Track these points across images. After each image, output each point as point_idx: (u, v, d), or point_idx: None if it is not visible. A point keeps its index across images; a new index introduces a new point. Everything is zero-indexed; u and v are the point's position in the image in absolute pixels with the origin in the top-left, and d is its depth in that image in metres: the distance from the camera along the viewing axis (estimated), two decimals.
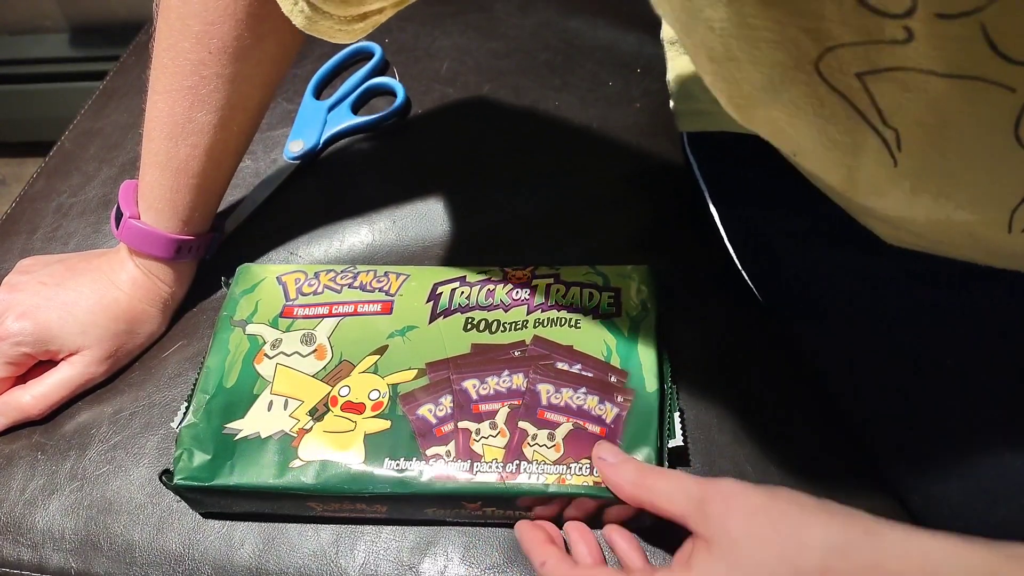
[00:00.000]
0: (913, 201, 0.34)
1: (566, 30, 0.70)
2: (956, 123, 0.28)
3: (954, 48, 0.25)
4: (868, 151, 0.31)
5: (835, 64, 0.28)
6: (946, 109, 0.28)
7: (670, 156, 0.59)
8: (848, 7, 0.25)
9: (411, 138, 0.64)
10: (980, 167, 0.31)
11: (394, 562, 0.43)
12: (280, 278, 0.51)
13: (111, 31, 1.23)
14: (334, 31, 0.43)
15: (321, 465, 0.42)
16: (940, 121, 0.29)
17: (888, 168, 0.32)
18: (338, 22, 0.43)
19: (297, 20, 0.43)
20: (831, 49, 0.27)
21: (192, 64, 0.46)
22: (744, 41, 0.28)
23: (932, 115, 0.28)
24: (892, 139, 0.30)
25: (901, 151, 0.31)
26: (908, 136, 0.30)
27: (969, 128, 0.29)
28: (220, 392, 0.45)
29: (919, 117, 0.29)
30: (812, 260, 0.45)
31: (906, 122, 0.29)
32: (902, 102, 0.28)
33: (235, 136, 0.51)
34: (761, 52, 0.28)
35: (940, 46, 0.25)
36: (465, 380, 0.44)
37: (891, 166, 0.32)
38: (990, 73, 0.26)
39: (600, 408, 0.43)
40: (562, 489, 0.40)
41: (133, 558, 0.45)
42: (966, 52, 0.25)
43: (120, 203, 0.51)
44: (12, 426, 0.50)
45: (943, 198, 0.33)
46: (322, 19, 0.42)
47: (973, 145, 0.29)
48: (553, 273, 0.49)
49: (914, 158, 0.31)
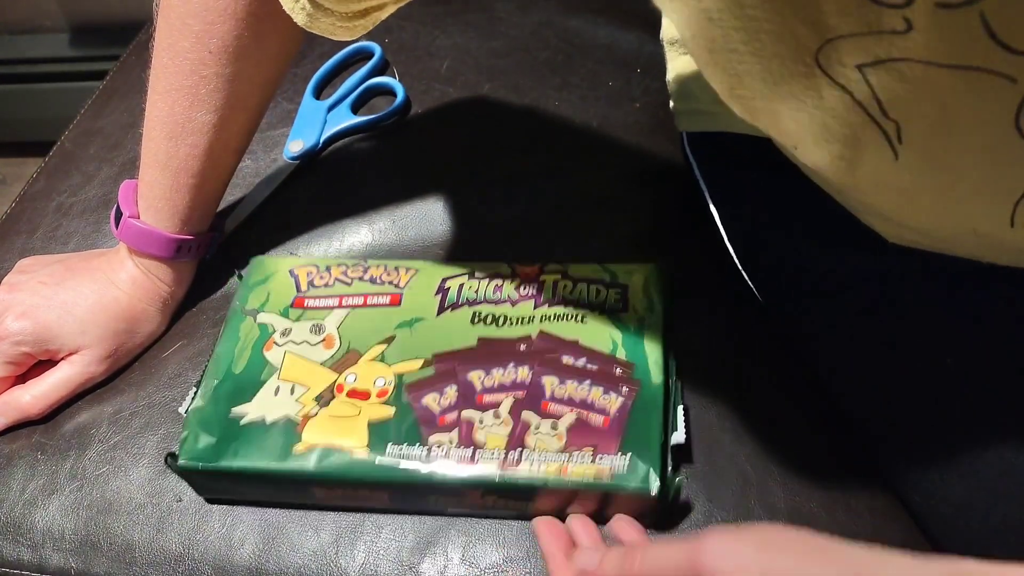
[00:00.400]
0: (914, 196, 0.34)
1: (566, 29, 0.70)
2: (957, 115, 0.28)
3: (954, 38, 0.25)
4: (868, 144, 0.31)
5: (835, 56, 0.27)
6: (947, 100, 0.28)
7: (670, 155, 0.59)
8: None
9: (411, 138, 0.64)
10: (981, 160, 0.30)
11: (394, 562, 0.43)
12: (292, 271, 0.51)
13: (111, 31, 1.23)
14: (335, 28, 0.43)
15: (324, 450, 0.42)
16: (941, 113, 0.28)
17: (889, 161, 0.32)
18: (339, 19, 0.42)
19: (298, 18, 0.42)
20: (830, 41, 0.27)
21: (192, 64, 0.46)
22: (744, 32, 0.28)
23: (933, 107, 0.28)
24: (893, 132, 0.30)
25: (902, 143, 0.30)
26: (909, 128, 0.30)
27: (970, 120, 0.28)
28: (228, 377, 0.46)
29: (920, 109, 0.29)
30: (812, 260, 0.45)
31: (907, 114, 0.29)
32: (902, 94, 0.28)
33: (235, 136, 0.51)
34: (761, 44, 0.28)
35: (940, 36, 0.25)
36: (470, 372, 0.45)
37: (892, 159, 0.31)
38: (990, 63, 0.25)
39: (604, 399, 0.43)
40: (563, 479, 0.40)
41: (133, 558, 0.45)
42: (966, 42, 0.25)
43: (120, 203, 0.51)
44: (12, 426, 0.50)
45: (944, 192, 0.33)
46: (323, 16, 0.42)
47: (974, 137, 0.29)
48: (561, 269, 0.49)
49: (915, 151, 0.31)
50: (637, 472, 0.40)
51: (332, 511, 0.45)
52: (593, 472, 0.40)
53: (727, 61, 0.30)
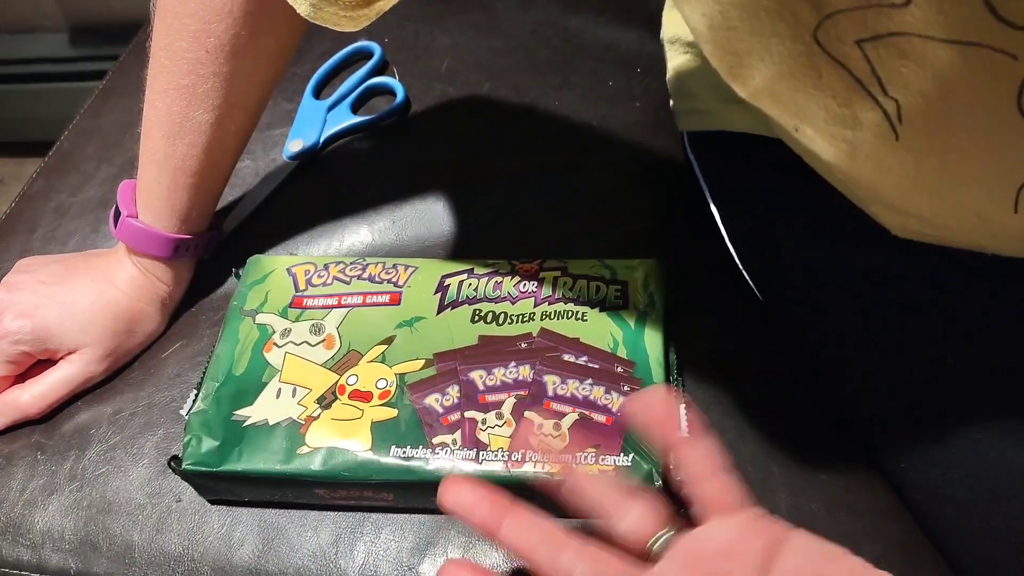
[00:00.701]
0: (916, 179, 0.33)
1: (567, 28, 0.70)
2: (958, 93, 0.28)
3: (953, 12, 0.24)
4: (869, 124, 0.31)
5: (833, 32, 0.27)
6: (947, 78, 0.27)
7: (670, 155, 0.59)
8: None
9: (410, 137, 0.64)
10: (984, 140, 0.30)
11: (394, 562, 0.43)
12: (290, 269, 0.51)
13: (111, 31, 1.23)
14: (339, 18, 0.42)
15: (328, 452, 0.42)
16: (941, 91, 0.28)
17: (890, 142, 0.31)
18: (343, 8, 0.42)
19: (301, 8, 0.42)
20: (830, 16, 0.27)
21: (189, 63, 0.46)
22: (743, 10, 0.28)
23: (933, 84, 0.28)
24: (893, 110, 0.30)
25: (902, 123, 0.30)
26: (909, 107, 0.29)
27: (971, 98, 0.28)
28: (229, 380, 0.46)
29: (920, 87, 0.28)
30: (813, 258, 0.45)
31: (907, 92, 0.29)
32: (902, 70, 0.28)
33: (233, 135, 0.51)
34: (760, 22, 0.28)
35: (939, 10, 0.25)
36: (472, 371, 0.44)
37: (892, 140, 0.31)
38: (991, 39, 0.25)
39: (606, 398, 0.43)
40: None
41: (133, 558, 0.45)
42: (965, 16, 0.24)
43: (118, 202, 0.51)
44: (11, 425, 0.50)
45: (946, 173, 0.32)
46: (327, 6, 0.42)
47: (976, 116, 0.29)
48: (561, 266, 0.49)
49: (916, 130, 0.30)
50: (640, 472, 0.40)
51: (332, 511, 0.45)
52: (596, 472, 0.40)
53: (727, 39, 0.30)
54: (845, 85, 0.29)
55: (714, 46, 0.31)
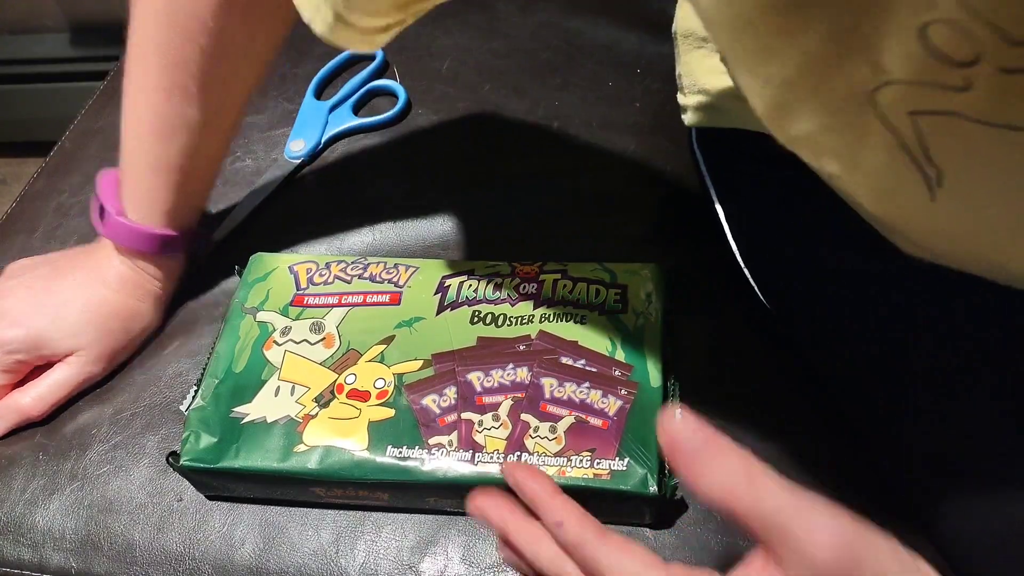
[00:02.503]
0: (947, 232, 0.33)
1: (567, 30, 0.70)
2: (1001, 170, 0.28)
3: (1010, 101, 0.25)
4: (907, 184, 0.31)
5: (889, 98, 0.27)
6: (993, 157, 0.28)
7: (671, 156, 0.59)
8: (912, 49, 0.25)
9: (411, 137, 0.64)
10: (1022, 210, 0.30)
11: (394, 561, 0.43)
12: (292, 267, 0.51)
13: (111, 31, 1.22)
14: (356, 41, 0.42)
15: (325, 451, 0.42)
16: (985, 167, 0.28)
17: (925, 201, 0.31)
18: (361, 32, 0.42)
19: (317, 28, 0.42)
20: (888, 84, 0.27)
21: (175, 61, 0.46)
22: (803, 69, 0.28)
23: (978, 161, 0.28)
24: (934, 175, 0.30)
25: (942, 188, 0.30)
26: (950, 176, 0.30)
27: (1014, 175, 0.28)
28: (229, 377, 0.46)
29: (965, 161, 0.29)
30: (819, 262, 0.45)
31: (951, 163, 0.29)
32: (950, 145, 0.28)
33: (223, 132, 0.51)
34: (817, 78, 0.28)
35: (999, 98, 0.25)
36: (470, 372, 0.44)
37: (928, 200, 0.31)
38: None
39: (603, 402, 0.43)
40: (562, 481, 0.40)
41: (133, 558, 0.45)
42: (1020, 105, 0.25)
43: (101, 196, 0.51)
44: (13, 429, 0.50)
45: (979, 235, 0.33)
46: (344, 30, 0.42)
47: (1017, 192, 0.29)
48: (561, 269, 0.49)
49: (953, 197, 0.31)
50: (635, 475, 0.40)
51: (332, 510, 0.45)
52: (591, 475, 0.40)
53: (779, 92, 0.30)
54: (888, 146, 0.29)
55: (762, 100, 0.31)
